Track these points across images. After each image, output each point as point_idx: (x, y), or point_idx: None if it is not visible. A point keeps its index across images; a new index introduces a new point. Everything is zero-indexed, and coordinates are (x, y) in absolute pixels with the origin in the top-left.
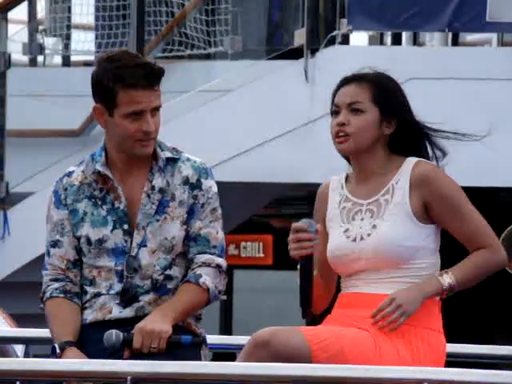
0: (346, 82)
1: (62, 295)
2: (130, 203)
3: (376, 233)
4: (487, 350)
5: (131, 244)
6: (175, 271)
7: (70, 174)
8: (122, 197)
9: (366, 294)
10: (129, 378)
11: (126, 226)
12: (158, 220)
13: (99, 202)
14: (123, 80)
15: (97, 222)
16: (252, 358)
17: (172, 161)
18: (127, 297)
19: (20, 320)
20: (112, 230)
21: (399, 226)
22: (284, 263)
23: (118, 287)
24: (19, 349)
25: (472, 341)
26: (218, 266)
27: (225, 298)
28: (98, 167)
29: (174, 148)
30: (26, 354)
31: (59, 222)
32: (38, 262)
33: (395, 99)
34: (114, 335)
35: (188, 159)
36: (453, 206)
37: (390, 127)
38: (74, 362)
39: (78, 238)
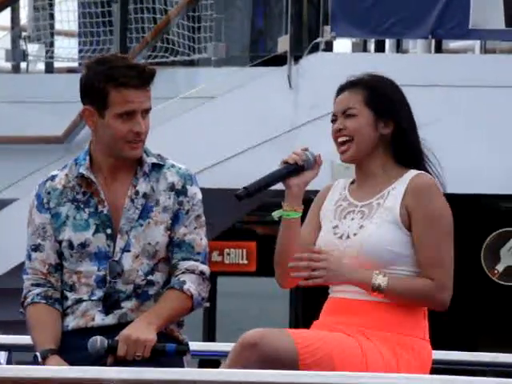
0: (340, 89)
1: (43, 301)
2: (114, 208)
3: (362, 233)
4: (471, 357)
5: (114, 248)
6: (157, 277)
7: (53, 178)
8: (105, 201)
9: (353, 301)
10: None
11: (109, 231)
12: (141, 225)
13: (82, 206)
14: (115, 79)
15: (79, 225)
16: (240, 359)
17: (157, 167)
18: (109, 302)
19: (2, 327)
20: (94, 234)
21: (385, 230)
22: (268, 270)
23: (99, 293)
24: (2, 356)
25: (456, 348)
26: (202, 273)
27: (208, 305)
28: (82, 170)
29: (158, 154)
30: (9, 361)
31: (41, 225)
32: (22, 269)
33: (389, 100)
34: (98, 342)
35: (173, 166)
36: (427, 227)
37: (388, 127)
38: (58, 369)
39: (60, 242)
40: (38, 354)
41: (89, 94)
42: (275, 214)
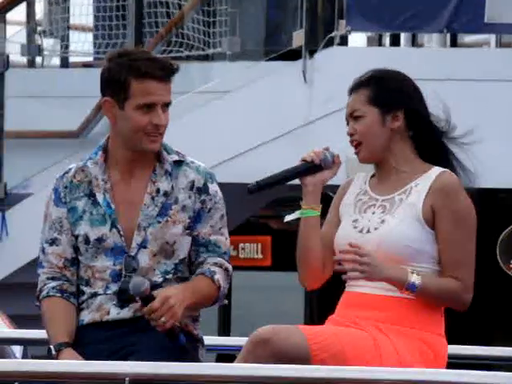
0: (349, 93)
1: (58, 294)
2: (130, 203)
3: (383, 228)
4: (485, 352)
5: (131, 244)
6: (176, 275)
7: (69, 172)
8: (109, 196)
9: (369, 295)
10: (127, 379)
11: (120, 226)
12: (159, 222)
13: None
14: (137, 70)
15: (95, 220)
16: (252, 355)
17: (177, 164)
18: (124, 296)
19: (18, 321)
20: (111, 229)
21: (406, 226)
22: (283, 264)
23: (114, 287)
24: (17, 350)
25: (471, 342)
26: (227, 270)
27: (226, 302)
28: (88, 163)
29: (177, 151)
30: (25, 355)
31: (58, 219)
32: (36, 263)
33: (393, 92)
34: (144, 286)
35: (192, 163)
36: (451, 227)
37: (397, 120)
38: (73, 363)
39: (76, 237)
40: (51, 347)
41: (110, 84)
42: (288, 218)
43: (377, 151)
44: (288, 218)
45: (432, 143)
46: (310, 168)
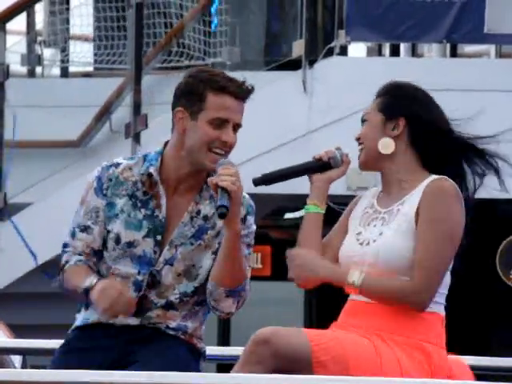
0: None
1: (85, 266)
2: (169, 218)
3: (380, 240)
4: (488, 362)
5: (159, 257)
6: (193, 298)
7: (117, 166)
8: (164, 207)
9: (372, 304)
10: None
11: (159, 237)
12: (192, 244)
13: (139, 205)
14: (216, 83)
15: (131, 223)
16: (253, 356)
17: None
18: (140, 309)
19: (17, 331)
20: (144, 237)
21: (401, 237)
22: (282, 274)
23: (132, 295)
24: (17, 360)
25: (470, 352)
26: (245, 292)
27: (233, 311)
28: (151, 170)
29: None
30: (24, 365)
31: (95, 209)
32: (36, 273)
33: (397, 99)
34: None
35: None
36: (425, 227)
37: (397, 129)
38: (72, 373)
39: (108, 231)
40: (89, 282)
41: (185, 95)
42: (289, 215)
43: (373, 157)
44: (289, 215)
45: (434, 153)
46: (318, 165)
